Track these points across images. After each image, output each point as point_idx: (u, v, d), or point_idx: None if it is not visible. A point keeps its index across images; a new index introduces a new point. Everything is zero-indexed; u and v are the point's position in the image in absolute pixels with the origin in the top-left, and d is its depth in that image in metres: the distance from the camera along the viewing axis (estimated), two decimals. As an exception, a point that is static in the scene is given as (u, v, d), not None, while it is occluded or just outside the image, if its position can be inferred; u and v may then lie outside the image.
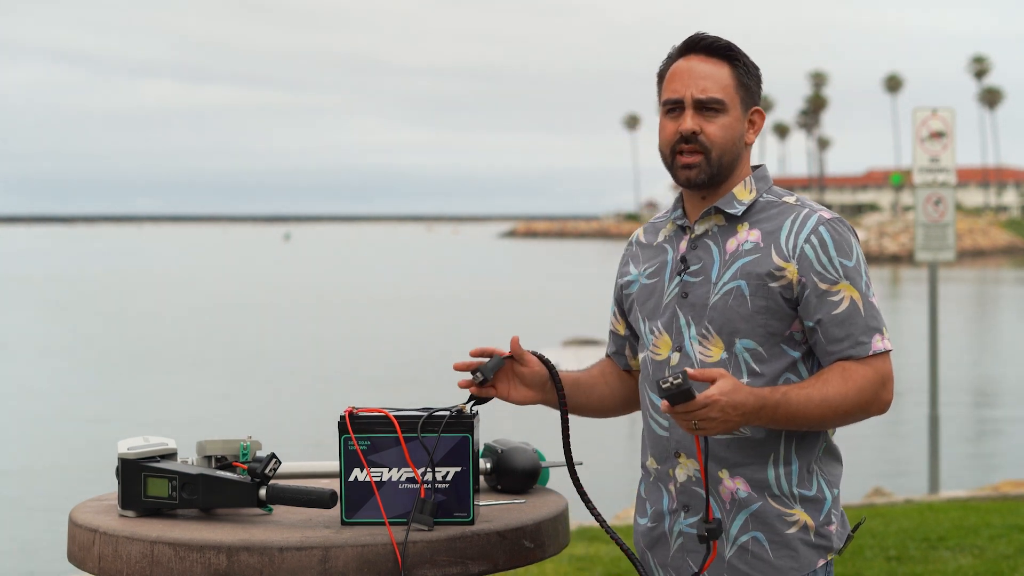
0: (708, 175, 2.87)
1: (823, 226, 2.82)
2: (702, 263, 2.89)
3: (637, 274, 3.03)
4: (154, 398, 23.49)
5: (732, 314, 2.82)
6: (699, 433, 2.68)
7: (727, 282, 2.84)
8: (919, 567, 7.27)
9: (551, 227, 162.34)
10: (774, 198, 2.91)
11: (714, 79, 2.86)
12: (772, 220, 2.87)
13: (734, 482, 2.83)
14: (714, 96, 2.85)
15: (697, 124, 2.85)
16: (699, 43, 2.90)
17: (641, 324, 2.98)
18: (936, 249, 11.79)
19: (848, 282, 2.81)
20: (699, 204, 2.93)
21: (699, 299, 2.86)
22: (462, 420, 2.78)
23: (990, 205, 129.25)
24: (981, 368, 27.83)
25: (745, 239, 2.86)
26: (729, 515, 2.83)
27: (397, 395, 22.53)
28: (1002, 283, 61.10)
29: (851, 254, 2.82)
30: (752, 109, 2.92)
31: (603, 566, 7.46)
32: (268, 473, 2.83)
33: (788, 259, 2.81)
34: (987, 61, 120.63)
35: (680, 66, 2.90)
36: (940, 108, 11.74)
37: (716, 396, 2.64)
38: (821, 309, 2.80)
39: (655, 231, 3.05)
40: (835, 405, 2.76)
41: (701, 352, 2.85)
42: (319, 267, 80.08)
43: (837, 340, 2.79)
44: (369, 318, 40.99)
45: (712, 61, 2.88)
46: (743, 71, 2.90)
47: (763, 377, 2.81)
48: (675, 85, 2.88)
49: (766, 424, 2.75)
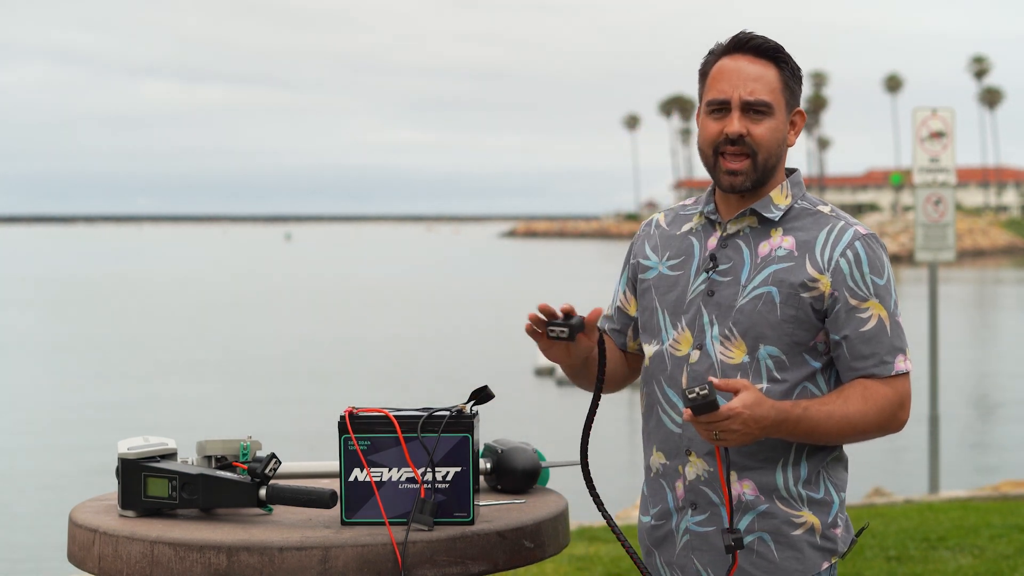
0: (752, 181, 2.84)
1: (859, 241, 2.81)
2: (732, 263, 2.86)
3: (657, 261, 2.97)
4: (154, 398, 23.48)
5: (760, 319, 2.80)
6: (719, 443, 2.68)
7: (757, 286, 2.82)
8: (919, 567, 7.27)
9: (551, 227, 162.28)
10: (809, 206, 2.88)
11: (763, 81, 2.83)
12: (807, 229, 2.84)
13: (741, 485, 2.82)
14: (763, 99, 2.82)
15: (744, 126, 2.81)
16: (747, 43, 2.86)
17: (659, 315, 2.93)
18: (936, 249, 11.79)
19: (878, 300, 2.80)
20: (735, 202, 2.90)
21: (726, 299, 2.83)
22: (462, 420, 2.78)
23: (990, 205, 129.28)
24: (981, 368, 27.83)
25: (779, 245, 2.84)
26: (735, 516, 2.82)
27: (397, 395, 22.54)
28: (1002, 283, 61.09)
29: (883, 272, 2.82)
30: (794, 111, 2.90)
31: (603, 566, 7.45)
32: (268, 473, 2.83)
33: (822, 271, 2.79)
34: (987, 61, 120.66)
35: (727, 65, 2.85)
36: (940, 108, 11.73)
37: (739, 409, 2.63)
38: (849, 325, 2.79)
39: (680, 220, 2.99)
40: (854, 423, 2.76)
41: (722, 353, 2.82)
42: (320, 267, 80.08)
43: (862, 357, 2.79)
44: (369, 318, 40.99)
45: (760, 62, 2.84)
46: (789, 73, 2.87)
47: (783, 384, 2.80)
48: (722, 85, 2.84)
49: (784, 437, 2.74)
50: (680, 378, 2.87)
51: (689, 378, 2.85)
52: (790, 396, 2.80)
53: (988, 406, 22.93)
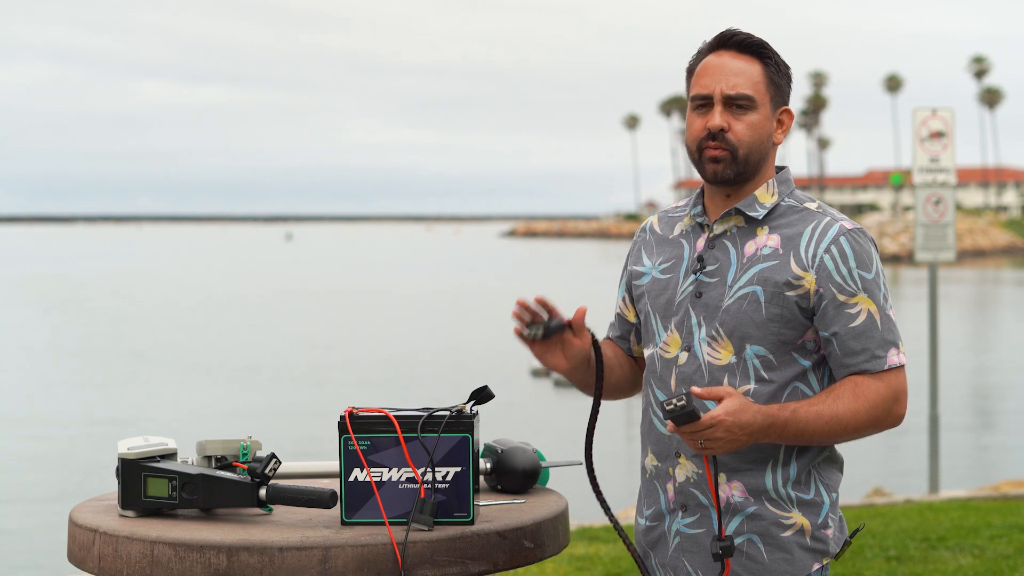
0: (735, 171, 2.83)
1: (844, 236, 2.80)
2: (719, 264, 2.85)
3: (650, 266, 2.98)
4: (154, 398, 23.48)
5: (745, 319, 2.79)
6: (705, 452, 2.67)
7: (743, 286, 2.81)
8: (919, 567, 7.27)
9: (551, 227, 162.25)
10: (795, 203, 2.88)
11: (745, 76, 2.83)
12: (792, 226, 2.84)
13: (730, 487, 2.81)
14: (744, 92, 2.82)
15: (725, 120, 2.82)
16: (731, 39, 2.87)
17: (652, 318, 2.93)
18: (936, 249, 11.79)
19: (866, 295, 2.79)
20: (721, 203, 2.90)
21: (713, 300, 2.83)
22: (462, 420, 2.78)
23: (990, 205, 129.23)
24: (981, 368, 27.84)
25: (764, 243, 2.83)
26: (724, 518, 2.81)
27: (397, 395, 22.54)
28: (1002, 283, 61.10)
29: (870, 266, 2.81)
30: (781, 109, 2.89)
31: (603, 566, 7.46)
32: (268, 473, 2.83)
33: (807, 268, 2.78)
34: (987, 61, 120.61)
35: (711, 61, 2.86)
36: (940, 108, 11.74)
37: (722, 417, 2.63)
38: (838, 321, 2.78)
39: (671, 223, 3.00)
40: (846, 422, 2.74)
41: (710, 354, 2.82)
42: (320, 267, 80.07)
43: (853, 353, 2.78)
44: (370, 318, 40.99)
45: (744, 58, 2.85)
46: (774, 69, 2.87)
47: (771, 384, 2.79)
48: (705, 80, 2.85)
49: (775, 441, 2.73)
50: (669, 380, 2.87)
51: (677, 380, 2.85)
52: (780, 396, 2.79)
53: (988, 406, 22.94)
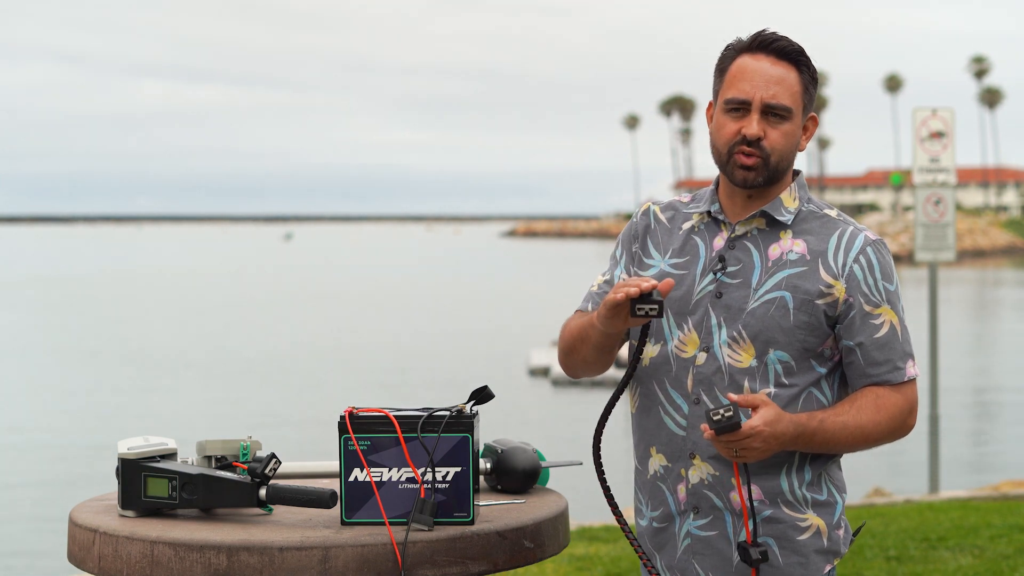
0: (765, 178, 2.81)
1: (870, 247, 2.81)
2: (742, 265, 2.83)
3: (659, 258, 2.92)
4: (154, 398, 23.48)
5: (771, 324, 2.78)
6: (739, 460, 2.69)
7: (769, 291, 2.79)
8: (919, 567, 7.27)
9: (551, 227, 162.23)
10: (816, 209, 2.87)
11: (784, 85, 2.79)
12: (816, 233, 2.83)
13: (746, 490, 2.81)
14: (783, 103, 2.79)
15: (762, 129, 2.78)
16: (771, 44, 2.81)
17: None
18: (936, 249, 11.79)
19: (889, 306, 2.81)
20: (743, 203, 2.87)
21: (735, 302, 2.80)
22: (462, 420, 2.78)
23: (990, 205, 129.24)
24: (981, 368, 27.83)
25: (789, 248, 2.82)
26: (739, 521, 2.81)
27: (397, 395, 22.54)
28: (1002, 283, 61.09)
29: (893, 278, 2.83)
30: (808, 116, 2.87)
31: (603, 566, 7.45)
32: (268, 473, 2.83)
33: (837, 277, 2.78)
34: (987, 61, 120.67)
35: (749, 65, 2.81)
36: (940, 108, 11.73)
37: (761, 427, 2.65)
38: (864, 331, 2.79)
39: (679, 217, 2.94)
40: (867, 433, 2.78)
41: (730, 356, 2.80)
42: (320, 267, 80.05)
43: (876, 364, 2.80)
44: (370, 318, 40.99)
45: (783, 64, 2.81)
46: (808, 77, 2.83)
47: (790, 389, 2.80)
48: (743, 85, 2.79)
49: (801, 449, 2.76)
50: (685, 380, 2.83)
51: (694, 381, 2.82)
52: (796, 401, 2.80)
53: (988, 406, 22.93)
